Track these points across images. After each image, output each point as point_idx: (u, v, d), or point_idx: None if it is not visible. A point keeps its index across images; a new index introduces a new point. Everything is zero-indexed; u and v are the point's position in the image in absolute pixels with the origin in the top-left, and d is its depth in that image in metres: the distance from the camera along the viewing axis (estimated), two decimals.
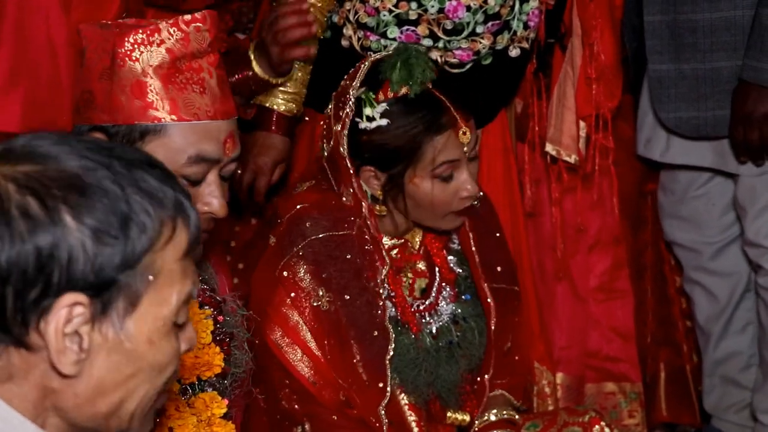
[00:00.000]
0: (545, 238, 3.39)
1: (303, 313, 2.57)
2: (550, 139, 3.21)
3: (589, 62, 3.10)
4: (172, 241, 1.45)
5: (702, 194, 3.38)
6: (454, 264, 2.76)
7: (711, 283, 3.44)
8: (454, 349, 2.69)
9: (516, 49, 2.96)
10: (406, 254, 2.71)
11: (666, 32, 3.10)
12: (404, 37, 2.87)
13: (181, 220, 1.47)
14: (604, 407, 3.46)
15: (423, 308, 2.70)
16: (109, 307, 1.41)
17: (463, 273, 2.75)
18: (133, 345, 1.44)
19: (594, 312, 3.48)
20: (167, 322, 1.46)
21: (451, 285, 2.73)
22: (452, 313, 2.72)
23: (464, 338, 2.70)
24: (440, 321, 2.70)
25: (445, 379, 2.68)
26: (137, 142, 2.04)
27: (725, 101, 3.08)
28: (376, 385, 2.58)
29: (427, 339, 2.67)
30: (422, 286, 2.72)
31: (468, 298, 2.74)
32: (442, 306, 2.72)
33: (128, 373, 1.45)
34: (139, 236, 1.42)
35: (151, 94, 2.04)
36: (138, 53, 2.04)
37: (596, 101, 3.13)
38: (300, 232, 2.59)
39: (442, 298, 2.72)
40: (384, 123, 2.57)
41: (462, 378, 2.71)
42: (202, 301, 2.25)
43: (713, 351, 3.46)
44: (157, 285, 1.44)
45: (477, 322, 2.72)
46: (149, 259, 1.43)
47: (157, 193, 1.44)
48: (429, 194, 2.59)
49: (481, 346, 2.71)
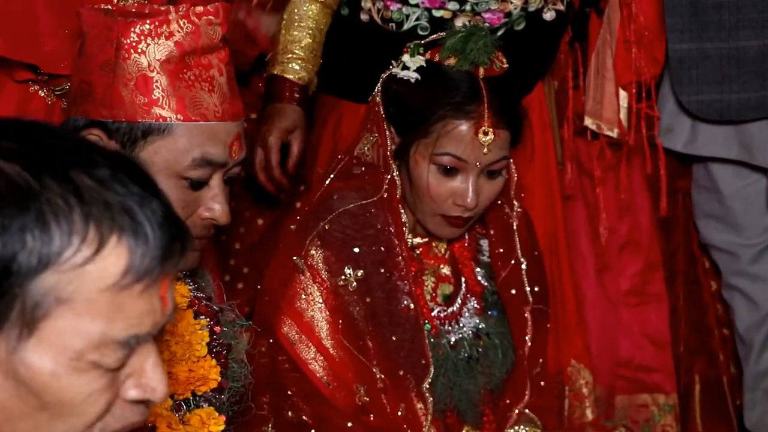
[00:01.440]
0: (575, 233, 3.27)
1: (325, 303, 2.50)
2: (589, 112, 3.09)
3: (627, 25, 2.99)
4: (95, 263, 1.18)
5: (738, 193, 3.28)
6: (482, 277, 2.68)
7: (751, 289, 3.33)
8: (473, 364, 2.62)
9: (551, 12, 2.85)
10: (429, 255, 2.65)
11: (687, 9, 3.00)
12: (427, 1, 2.76)
13: (117, 239, 1.19)
14: (636, 421, 3.35)
15: (444, 316, 2.63)
16: (3, 321, 1.18)
17: (490, 288, 2.68)
18: (29, 374, 1.20)
19: (625, 318, 3.37)
20: (82, 358, 1.20)
21: (477, 298, 2.66)
22: (475, 327, 2.64)
23: (485, 355, 2.63)
24: (460, 333, 2.63)
25: (463, 390, 2.59)
26: (139, 140, 1.96)
27: (751, 83, 3.00)
28: (419, 362, 2.52)
29: (445, 348, 2.60)
30: (446, 292, 2.66)
31: (495, 315, 2.67)
32: (466, 318, 2.64)
33: (32, 404, 1.22)
34: (39, 239, 1.16)
35: (156, 91, 1.96)
36: (144, 45, 1.96)
37: (637, 67, 3.01)
38: (327, 207, 2.54)
39: (466, 309, 2.65)
40: (414, 77, 2.53)
41: (481, 395, 2.63)
42: (197, 311, 2.15)
43: (755, 363, 3.34)
44: (68, 312, 1.18)
45: (501, 341, 2.65)
46: (54, 278, 1.17)
47: (89, 193, 1.18)
48: (423, 180, 2.51)
49: (504, 366, 2.64)
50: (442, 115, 2.48)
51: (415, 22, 2.75)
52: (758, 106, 3.04)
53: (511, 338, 2.65)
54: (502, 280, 2.65)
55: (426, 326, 2.56)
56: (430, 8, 2.75)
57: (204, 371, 2.11)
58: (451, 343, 2.60)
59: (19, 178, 1.17)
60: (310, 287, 2.52)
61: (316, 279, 2.52)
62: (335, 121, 2.98)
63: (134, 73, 1.96)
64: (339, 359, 2.51)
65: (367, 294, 2.52)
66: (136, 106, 1.96)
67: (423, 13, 2.75)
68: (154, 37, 1.96)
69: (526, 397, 2.63)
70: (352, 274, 2.51)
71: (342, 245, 2.52)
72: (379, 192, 2.55)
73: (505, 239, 2.68)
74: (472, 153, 2.48)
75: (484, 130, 2.47)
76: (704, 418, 3.43)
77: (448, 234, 2.59)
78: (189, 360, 2.09)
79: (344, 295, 2.51)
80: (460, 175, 2.50)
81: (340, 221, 2.53)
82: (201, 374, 2.10)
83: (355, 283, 2.51)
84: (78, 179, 1.18)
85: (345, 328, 2.51)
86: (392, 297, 2.53)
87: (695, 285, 3.46)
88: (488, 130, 2.47)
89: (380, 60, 2.63)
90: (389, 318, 2.53)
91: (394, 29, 2.78)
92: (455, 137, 2.48)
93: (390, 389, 2.52)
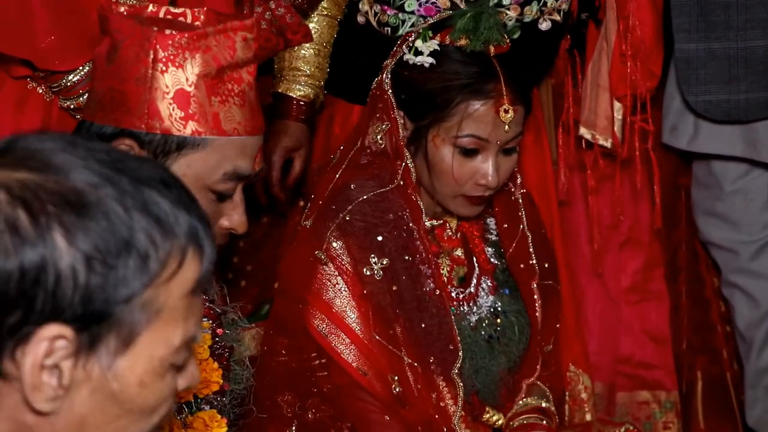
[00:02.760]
0: (575, 233, 3.27)
1: (351, 292, 2.49)
2: (584, 122, 3.06)
3: (623, 37, 2.95)
4: (179, 275, 1.32)
5: (739, 189, 3.25)
6: (492, 255, 2.68)
7: (751, 286, 3.30)
8: (494, 344, 2.62)
9: (546, 22, 2.82)
10: (444, 238, 2.64)
11: (695, 8, 2.98)
12: (423, 9, 2.74)
13: (192, 252, 1.33)
14: (637, 418, 3.34)
15: (462, 297, 2.63)
16: (98, 343, 1.28)
17: (501, 265, 2.68)
18: (120, 386, 1.31)
19: (626, 315, 3.36)
20: (164, 363, 1.33)
21: (489, 276, 2.66)
22: (492, 306, 2.65)
23: (504, 334, 2.63)
24: (479, 313, 2.63)
25: (487, 372, 2.60)
26: (173, 153, 1.98)
27: (760, 83, 2.98)
28: (447, 348, 2.51)
29: (467, 330, 2.59)
30: (461, 274, 2.65)
31: (507, 293, 2.67)
32: (482, 297, 2.64)
33: (114, 414, 1.32)
34: (140, 267, 1.29)
35: (193, 105, 1.98)
36: (182, 59, 1.97)
37: (632, 80, 2.97)
38: (345, 198, 2.53)
39: (481, 289, 2.65)
40: (428, 62, 2.51)
41: (500, 376, 2.63)
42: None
43: (756, 360, 3.32)
44: (158, 323, 1.31)
45: (518, 319, 2.65)
46: (150, 294, 1.30)
47: (168, 218, 1.31)
48: (445, 163, 2.50)
49: (520, 343, 2.64)
50: (463, 97, 2.48)
51: (410, 28, 2.72)
52: (766, 106, 3.03)
53: (527, 314, 2.65)
54: (511, 255, 2.66)
55: (451, 309, 2.56)
56: (426, 16, 2.73)
57: (206, 374, 2.12)
58: (472, 325, 2.60)
59: (116, 218, 1.29)
60: (336, 278, 2.51)
61: (341, 270, 2.51)
62: (327, 119, 3.00)
63: (171, 87, 1.96)
64: (372, 348, 2.50)
65: (393, 282, 2.51)
66: (172, 119, 1.97)
67: (419, 20, 2.73)
68: (192, 50, 1.96)
69: (537, 372, 2.64)
70: (377, 262, 2.50)
71: (365, 234, 2.52)
72: (395, 179, 2.54)
73: (509, 214, 2.69)
74: (494, 132, 2.49)
75: (505, 107, 2.47)
76: (707, 415, 3.42)
77: (470, 212, 2.60)
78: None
79: (370, 284, 2.50)
80: (481, 155, 2.50)
81: (360, 210, 2.52)
82: (203, 377, 2.10)
83: (381, 272, 2.50)
84: (155, 207, 1.31)
85: (374, 318, 2.50)
86: (417, 282, 2.53)
87: (697, 282, 3.44)
88: (508, 108, 2.48)
89: (373, 62, 2.63)
90: (417, 303, 2.52)
91: (389, 33, 2.77)
92: (476, 118, 2.48)
93: (421, 378, 2.51)
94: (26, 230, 1.26)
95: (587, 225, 3.23)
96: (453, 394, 2.54)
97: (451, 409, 2.54)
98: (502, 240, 2.68)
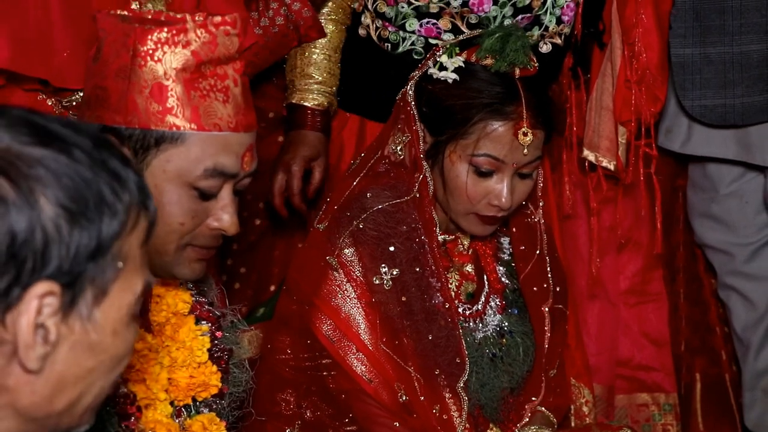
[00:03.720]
0: (573, 234, 3.26)
1: (359, 299, 2.50)
2: (588, 144, 3.03)
3: (629, 64, 2.91)
4: (137, 227, 1.39)
5: (734, 191, 3.25)
6: (503, 275, 2.68)
7: (747, 288, 3.31)
8: (497, 362, 2.61)
9: (547, 45, 2.81)
10: (455, 252, 2.64)
11: (690, 13, 2.98)
12: (424, 30, 2.75)
13: (143, 205, 1.40)
14: (637, 420, 3.34)
15: (469, 314, 2.62)
16: (79, 297, 1.34)
17: (511, 285, 2.67)
18: (98, 336, 1.37)
19: (624, 317, 3.35)
20: (130, 311, 1.40)
21: (499, 295, 2.66)
22: (498, 325, 2.64)
23: (508, 353, 2.63)
24: (485, 330, 2.62)
25: (491, 388, 2.59)
26: (152, 148, 1.94)
27: (755, 87, 2.97)
28: (454, 361, 2.52)
29: (472, 346, 2.59)
30: (469, 290, 2.65)
31: (515, 313, 2.66)
32: (489, 316, 2.64)
33: (89, 366, 1.38)
34: (110, 220, 1.35)
35: (171, 99, 1.94)
36: (161, 53, 1.94)
37: (637, 106, 2.93)
38: (360, 206, 2.53)
39: (489, 307, 2.64)
40: (452, 78, 2.52)
41: (503, 394, 2.63)
42: (198, 316, 2.15)
43: (753, 362, 3.32)
44: (124, 273, 1.38)
45: (523, 340, 2.65)
46: (119, 245, 1.36)
47: (122, 173, 1.37)
48: (459, 180, 2.51)
49: (524, 365, 2.64)
50: (482, 116, 2.48)
51: (411, 46, 2.74)
52: (762, 110, 3.02)
53: (533, 336, 2.65)
54: (525, 277, 2.65)
55: (460, 323, 2.56)
56: (427, 37, 2.74)
57: (205, 377, 2.11)
58: (477, 341, 2.60)
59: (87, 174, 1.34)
60: (345, 284, 2.51)
61: (351, 277, 2.50)
62: (338, 130, 2.97)
63: (149, 81, 1.93)
64: (378, 356, 2.50)
65: (402, 292, 2.51)
66: (150, 113, 1.93)
67: (419, 39, 2.74)
68: (171, 45, 1.94)
69: (540, 396, 2.63)
70: (387, 272, 2.51)
71: (377, 244, 2.52)
72: (412, 191, 2.54)
73: (527, 237, 2.68)
74: (510, 154, 2.48)
75: (524, 131, 2.48)
76: (705, 417, 3.41)
77: (481, 231, 2.60)
78: (190, 366, 2.10)
79: (379, 293, 2.50)
80: (496, 175, 2.50)
81: (374, 219, 2.52)
82: (202, 380, 2.11)
83: (390, 283, 2.50)
84: (112, 164, 1.37)
85: (382, 328, 2.50)
86: (425, 294, 2.52)
87: (696, 283, 3.44)
88: (528, 131, 2.48)
89: (371, 75, 2.65)
90: (425, 315, 2.52)
91: (389, 49, 2.77)
92: (494, 138, 2.48)
93: (425, 389, 2.51)
94: (9, 194, 1.29)
95: (586, 228, 3.22)
96: (458, 406, 2.54)
97: (456, 421, 2.54)
98: (516, 261, 2.67)
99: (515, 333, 2.64)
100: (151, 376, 2.05)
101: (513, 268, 2.68)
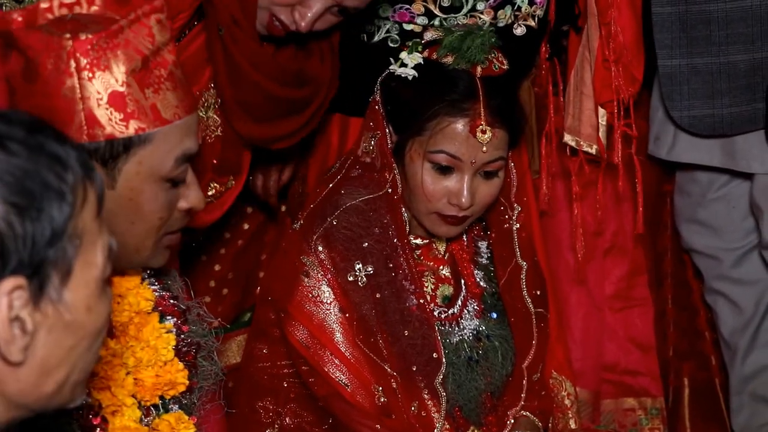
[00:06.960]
0: (558, 240, 3.26)
1: (333, 302, 2.50)
2: (568, 129, 3.04)
3: (606, 43, 2.91)
4: (87, 202, 1.43)
5: (721, 196, 3.24)
6: (481, 279, 2.67)
7: (734, 292, 3.29)
8: (474, 366, 2.61)
9: (521, 28, 2.80)
10: (429, 256, 2.64)
11: (677, 24, 2.96)
12: (397, 15, 2.73)
13: (88, 179, 1.44)
14: (624, 425, 3.33)
15: (445, 317, 2.62)
16: (46, 284, 1.39)
17: (489, 289, 2.67)
18: (72, 315, 1.42)
19: (610, 322, 3.34)
20: (99, 282, 1.45)
21: (477, 299, 2.65)
22: (476, 329, 2.63)
23: (486, 357, 2.63)
24: (462, 334, 2.62)
25: (467, 390, 2.59)
26: (121, 155, 1.90)
27: (742, 97, 2.96)
28: (431, 357, 2.52)
29: (448, 349, 2.59)
30: (446, 293, 2.65)
31: (494, 317, 2.66)
32: (466, 320, 2.63)
33: (70, 345, 1.43)
34: (60, 204, 1.39)
35: (130, 104, 1.89)
36: (105, 61, 1.88)
37: (616, 85, 2.94)
38: (333, 203, 2.54)
39: (467, 311, 2.64)
40: (411, 75, 2.53)
41: (482, 397, 2.62)
42: (163, 311, 2.13)
43: (741, 366, 3.31)
44: (83, 249, 1.42)
45: (501, 343, 2.64)
46: (72, 225, 1.40)
47: (62, 154, 1.41)
48: (417, 178, 2.51)
49: (503, 369, 2.64)
50: (436, 112, 2.47)
51: (386, 34, 2.72)
52: (750, 120, 3.01)
53: (512, 341, 2.64)
54: (504, 283, 2.65)
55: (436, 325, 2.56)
56: (401, 22, 2.72)
57: (171, 375, 2.10)
58: (453, 344, 2.59)
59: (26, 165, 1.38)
60: (317, 289, 2.51)
61: (326, 276, 2.51)
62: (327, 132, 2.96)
63: (104, 91, 1.88)
64: (354, 360, 2.50)
65: (377, 290, 2.51)
66: (113, 123, 1.89)
67: (393, 25, 2.72)
68: (112, 49, 1.88)
69: (521, 402, 2.63)
70: (362, 269, 2.51)
71: (350, 240, 2.52)
72: (384, 188, 2.55)
73: (505, 242, 2.68)
74: (467, 151, 2.47)
75: (482, 128, 2.47)
76: (693, 421, 3.41)
77: (445, 232, 2.58)
78: (155, 365, 2.08)
79: (354, 291, 2.51)
80: (455, 174, 2.49)
81: (347, 217, 2.53)
82: (168, 379, 2.09)
83: (365, 279, 2.51)
84: (49, 148, 1.40)
85: (358, 327, 2.51)
86: (399, 296, 2.53)
87: (684, 288, 3.43)
88: (486, 129, 2.47)
89: (349, 68, 2.62)
90: (400, 316, 2.53)
91: (366, 39, 2.75)
92: (450, 135, 2.47)
93: (402, 387, 2.51)
94: None
95: (571, 232, 3.19)
96: (436, 404, 2.54)
97: (434, 418, 2.54)
98: (495, 266, 2.67)
99: (493, 337, 2.63)
100: (116, 382, 2.02)
101: (492, 272, 2.67)
